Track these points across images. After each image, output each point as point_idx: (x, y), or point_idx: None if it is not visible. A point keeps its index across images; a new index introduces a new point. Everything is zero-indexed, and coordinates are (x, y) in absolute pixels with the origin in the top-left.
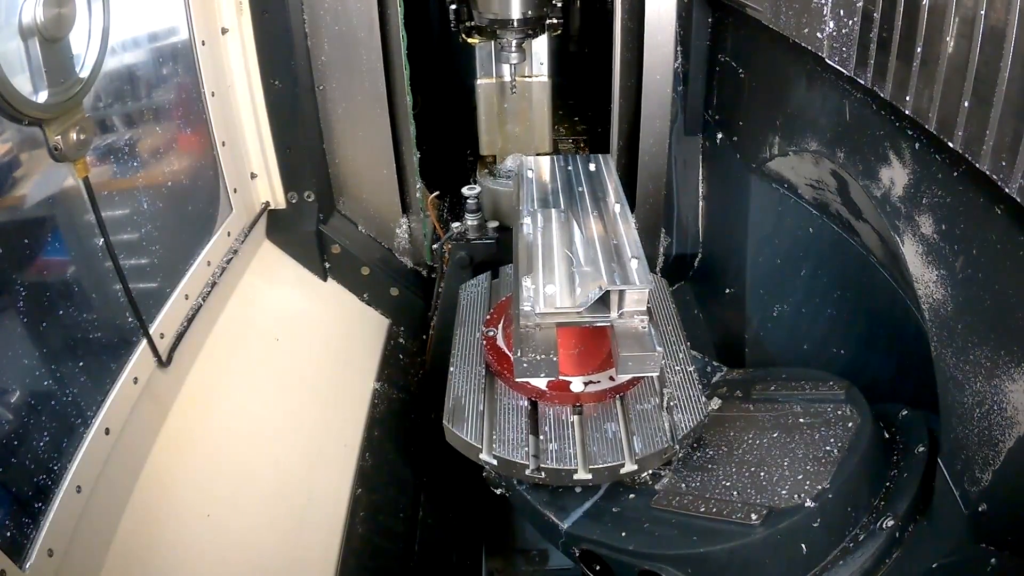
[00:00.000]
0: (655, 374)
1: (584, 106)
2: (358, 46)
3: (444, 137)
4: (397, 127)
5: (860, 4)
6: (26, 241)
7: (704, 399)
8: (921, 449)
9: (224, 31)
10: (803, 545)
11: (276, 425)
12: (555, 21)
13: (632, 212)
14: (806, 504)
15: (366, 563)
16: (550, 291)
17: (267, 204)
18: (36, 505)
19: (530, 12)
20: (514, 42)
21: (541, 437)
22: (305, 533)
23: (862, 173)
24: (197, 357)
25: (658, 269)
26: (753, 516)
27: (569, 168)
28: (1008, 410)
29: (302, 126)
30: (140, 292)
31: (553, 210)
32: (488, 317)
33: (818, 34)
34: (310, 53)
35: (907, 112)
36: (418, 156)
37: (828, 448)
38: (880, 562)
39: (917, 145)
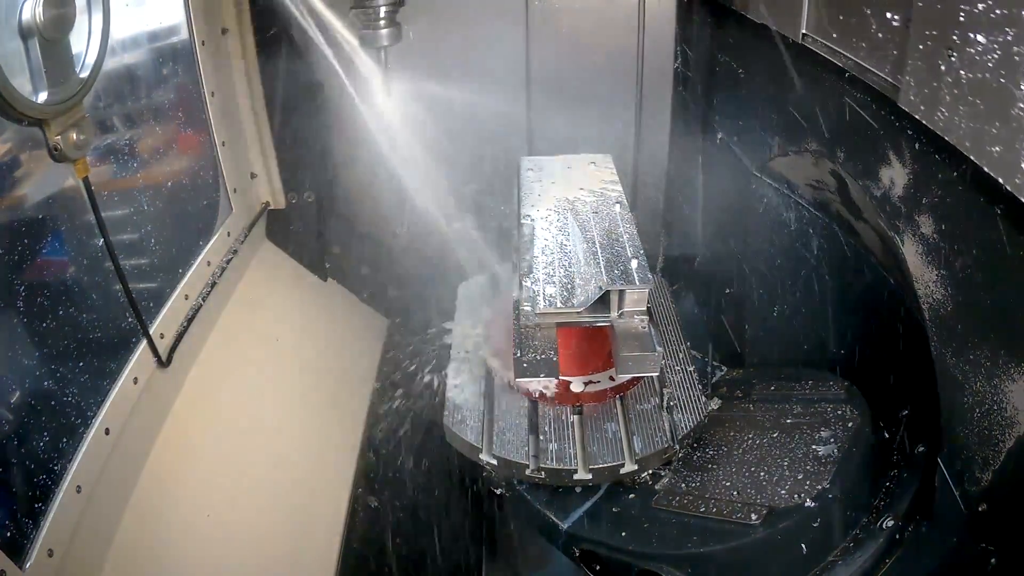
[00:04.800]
0: (655, 374)
1: None
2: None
3: None
4: None
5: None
6: (26, 241)
7: (704, 399)
8: (921, 449)
9: (224, 31)
10: (803, 545)
11: (276, 425)
12: None
13: (632, 212)
14: (806, 504)
15: (366, 563)
16: (550, 291)
17: (267, 204)
18: (36, 505)
19: None
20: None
21: (541, 437)
22: (305, 533)
23: (862, 173)
24: (197, 357)
25: (658, 269)
26: (753, 516)
27: (569, 168)
28: (1008, 410)
29: (302, 126)
30: (140, 292)
31: (553, 210)
32: (488, 317)
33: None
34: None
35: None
36: None
37: (828, 448)
38: (880, 562)
39: (917, 145)
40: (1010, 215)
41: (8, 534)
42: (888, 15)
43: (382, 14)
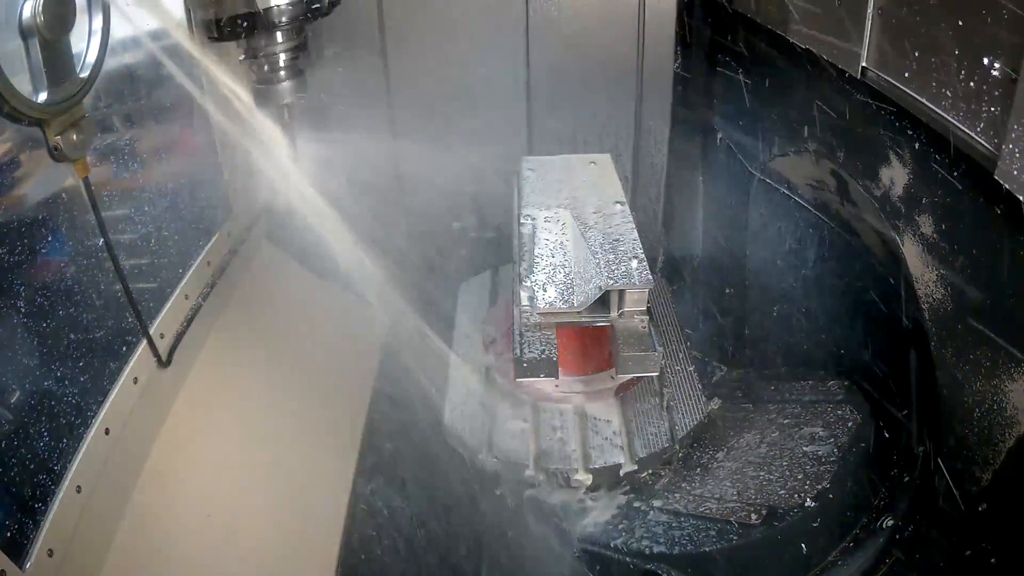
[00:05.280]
0: (655, 374)
1: None
2: (359, 43)
3: None
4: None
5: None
6: (26, 241)
7: (704, 399)
8: (921, 449)
9: None
10: (803, 545)
11: (276, 425)
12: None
13: (632, 212)
14: (806, 504)
15: (366, 563)
16: (550, 291)
17: (267, 204)
18: (36, 505)
19: None
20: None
21: (541, 438)
22: (305, 533)
23: (862, 173)
24: (197, 357)
25: (658, 269)
26: (753, 516)
27: (569, 168)
28: (1008, 410)
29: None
30: (140, 292)
31: (553, 210)
32: (488, 316)
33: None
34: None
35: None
36: None
37: (828, 448)
38: (880, 562)
39: (917, 145)
40: (1010, 215)
41: (8, 534)
42: (986, 61)
43: (282, 63)
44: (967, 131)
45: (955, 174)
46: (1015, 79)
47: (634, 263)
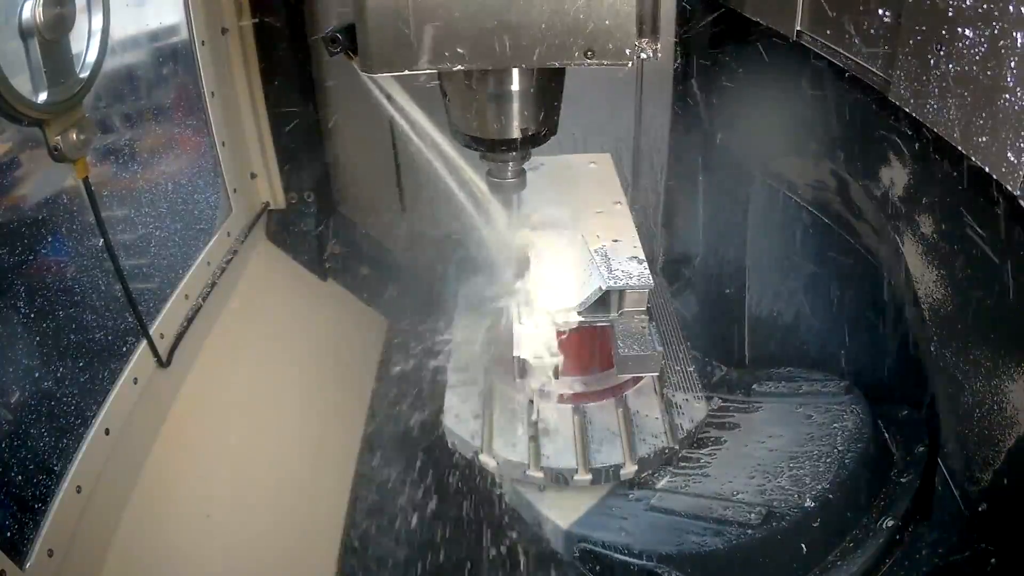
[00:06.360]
0: (655, 374)
1: None
2: None
3: None
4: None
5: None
6: (26, 241)
7: (704, 399)
8: (921, 449)
9: (224, 31)
10: (803, 545)
11: (276, 425)
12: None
13: (632, 212)
14: (806, 504)
15: (366, 563)
16: (550, 291)
17: (267, 204)
18: (36, 505)
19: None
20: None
21: (541, 438)
22: (305, 533)
23: (862, 173)
24: (197, 357)
25: (658, 269)
26: (753, 516)
27: (569, 168)
28: (1008, 410)
29: (302, 126)
30: (140, 292)
31: (553, 210)
32: (488, 317)
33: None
34: (310, 52)
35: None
36: None
37: (828, 448)
38: (880, 562)
39: (917, 145)
40: (1010, 215)
41: (8, 534)
42: (880, 11)
43: (511, 167)
44: (870, 68)
45: (955, 174)
46: (899, 23)
47: (634, 263)
